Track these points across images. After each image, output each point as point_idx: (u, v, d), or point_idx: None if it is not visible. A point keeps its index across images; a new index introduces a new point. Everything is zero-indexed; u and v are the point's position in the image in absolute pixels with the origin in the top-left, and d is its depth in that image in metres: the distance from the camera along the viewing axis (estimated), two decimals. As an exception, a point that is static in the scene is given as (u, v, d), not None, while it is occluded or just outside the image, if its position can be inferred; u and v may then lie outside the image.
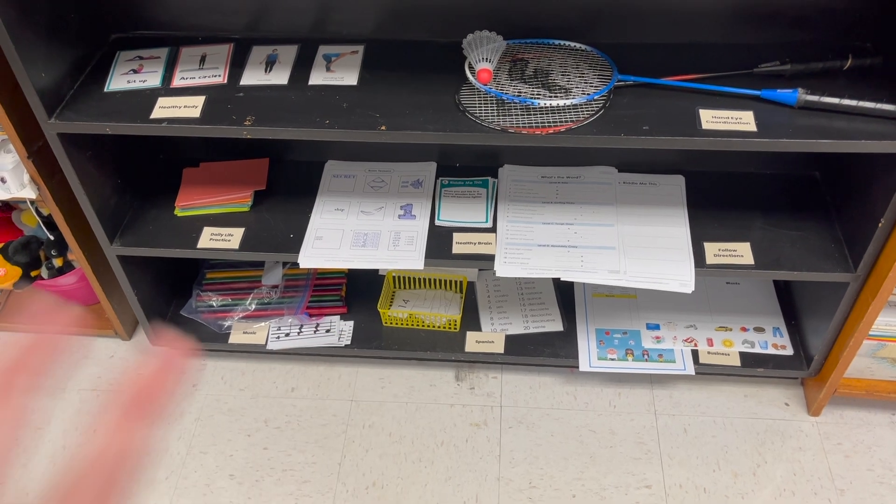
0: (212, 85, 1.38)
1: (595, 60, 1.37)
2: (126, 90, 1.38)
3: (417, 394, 1.76)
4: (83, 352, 1.89)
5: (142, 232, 1.57)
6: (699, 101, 1.29)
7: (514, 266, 1.47)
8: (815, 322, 1.62)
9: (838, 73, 1.33)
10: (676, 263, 1.46)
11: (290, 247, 1.53)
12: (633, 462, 1.61)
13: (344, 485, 1.60)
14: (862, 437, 1.64)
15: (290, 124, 1.29)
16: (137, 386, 0.40)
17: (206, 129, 1.31)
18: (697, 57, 1.38)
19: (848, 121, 1.24)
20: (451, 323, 1.76)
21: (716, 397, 1.72)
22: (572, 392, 1.75)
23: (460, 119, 1.29)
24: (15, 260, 1.71)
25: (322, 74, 1.39)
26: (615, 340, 1.72)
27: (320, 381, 1.79)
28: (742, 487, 1.56)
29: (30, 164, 1.46)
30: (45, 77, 1.30)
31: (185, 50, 1.46)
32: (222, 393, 1.78)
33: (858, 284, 1.44)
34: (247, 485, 1.61)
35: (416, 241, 1.53)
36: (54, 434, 1.71)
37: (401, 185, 1.64)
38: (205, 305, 1.81)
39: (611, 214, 1.55)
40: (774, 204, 1.56)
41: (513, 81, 1.35)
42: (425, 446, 1.66)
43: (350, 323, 1.79)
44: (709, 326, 1.74)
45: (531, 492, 1.57)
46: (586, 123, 1.26)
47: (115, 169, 1.54)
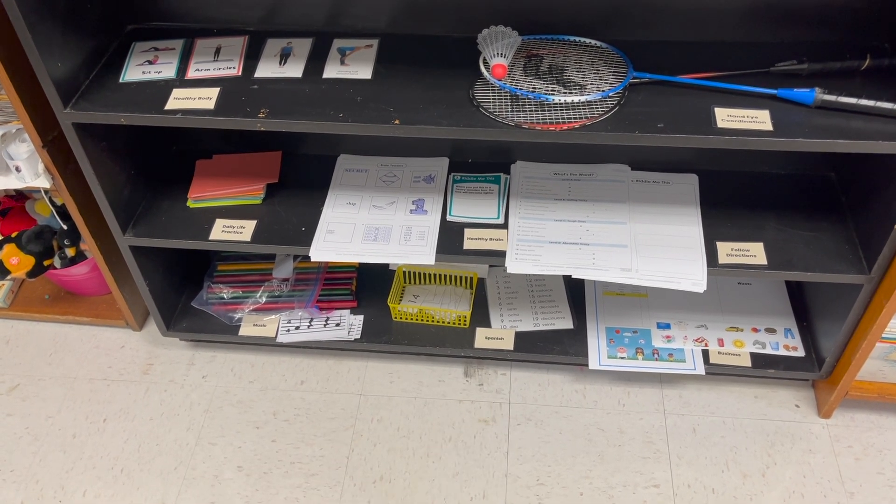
0: (226, 77, 1.39)
1: (610, 57, 1.37)
2: (141, 81, 1.38)
3: (426, 389, 1.76)
4: (93, 341, 1.90)
5: (154, 223, 1.58)
6: (715, 99, 1.28)
7: (525, 263, 1.47)
8: (827, 324, 1.61)
9: (856, 72, 1.32)
10: (689, 263, 1.45)
11: (301, 240, 1.53)
12: (642, 461, 1.61)
13: (352, 478, 1.60)
14: (873, 440, 1.63)
15: (304, 117, 1.29)
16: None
17: (220, 121, 1.31)
18: (714, 55, 1.37)
19: (865, 121, 1.22)
20: (460, 319, 1.76)
21: (726, 398, 1.71)
22: (581, 390, 1.74)
23: (474, 114, 1.28)
24: (28, 249, 1.72)
25: (336, 68, 1.39)
26: (625, 339, 1.72)
27: (329, 375, 1.80)
28: (751, 489, 1.55)
29: (44, 154, 1.47)
30: (60, 67, 1.30)
31: (200, 42, 1.46)
32: (231, 385, 1.79)
33: (872, 286, 1.43)
34: (255, 476, 1.61)
35: (427, 237, 1.52)
36: (64, 423, 1.72)
37: (413, 180, 1.64)
38: (216, 297, 1.82)
39: (623, 212, 1.55)
40: (788, 204, 1.55)
41: (527, 77, 1.34)
42: (433, 442, 1.66)
43: (360, 317, 1.79)
44: (720, 326, 1.73)
45: (539, 489, 1.57)
46: (601, 120, 1.26)
47: (128, 160, 1.55)
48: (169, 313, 1.79)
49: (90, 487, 1.61)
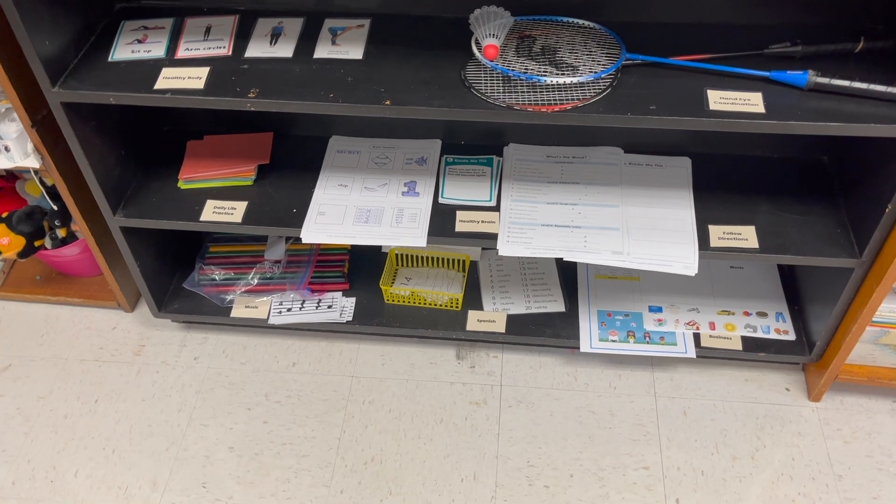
0: (216, 56, 1.37)
1: (603, 38, 1.36)
2: (130, 60, 1.37)
3: (418, 371, 1.76)
4: (85, 322, 1.90)
5: (145, 204, 1.57)
6: (708, 81, 1.28)
7: (517, 245, 1.47)
8: (818, 307, 1.61)
9: (850, 55, 1.31)
10: (680, 246, 1.45)
11: (292, 221, 1.53)
12: (632, 443, 1.61)
13: (343, 459, 1.60)
14: (862, 423, 1.64)
15: (295, 97, 1.28)
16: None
17: (210, 101, 1.30)
18: (707, 37, 1.36)
19: (858, 104, 1.22)
20: (452, 301, 1.76)
21: (716, 381, 1.72)
22: (572, 373, 1.75)
23: (466, 95, 1.28)
24: (19, 229, 1.71)
25: (327, 48, 1.38)
26: (617, 322, 1.72)
27: (321, 357, 1.80)
28: (740, 471, 1.56)
29: (33, 133, 1.46)
30: (49, 45, 1.29)
31: (190, 21, 1.45)
32: (223, 366, 1.79)
33: (863, 270, 1.43)
34: (246, 457, 1.61)
35: (419, 219, 1.52)
36: (56, 404, 1.72)
37: (405, 161, 1.63)
38: (207, 279, 1.81)
39: (616, 195, 1.54)
40: (781, 187, 1.55)
41: (520, 58, 1.33)
42: (425, 423, 1.66)
43: (352, 299, 1.79)
44: (711, 310, 1.73)
45: (529, 470, 1.57)
46: (593, 102, 1.25)
47: (118, 140, 1.54)
48: (161, 294, 1.79)
49: (82, 468, 1.61)
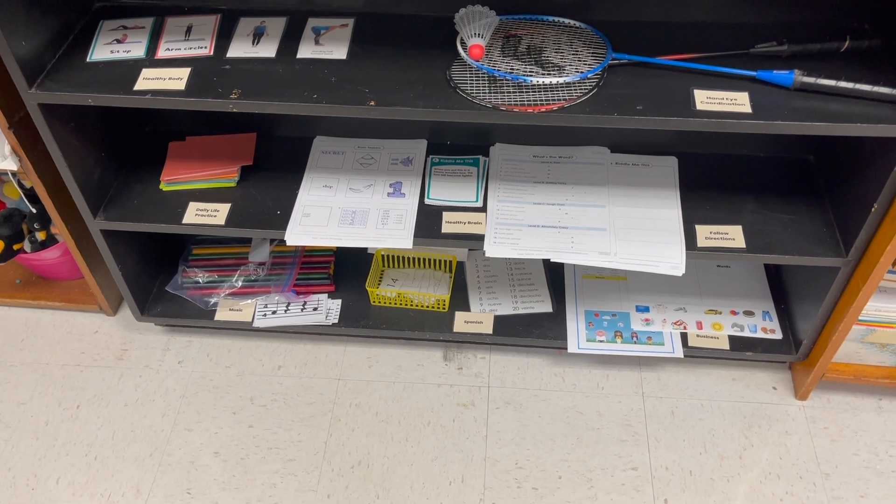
0: (198, 57, 1.35)
1: (589, 38, 1.35)
2: (109, 61, 1.35)
3: (405, 373, 1.75)
4: (66, 327, 1.87)
5: (126, 206, 1.54)
6: (694, 81, 1.27)
7: (504, 246, 1.46)
8: (804, 306, 1.62)
9: (836, 54, 1.31)
10: (667, 246, 1.44)
11: (276, 223, 1.51)
12: (620, 444, 1.61)
13: (329, 463, 1.59)
14: (848, 421, 1.64)
15: (277, 98, 1.27)
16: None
17: (192, 102, 1.28)
18: (693, 36, 1.35)
19: (844, 103, 1.22)
20: (439, 303, 1.75)
21: (704, 380, 1.72)
22: (560, 373, 1.74)
23: (451, 96, 1.26)
24: (-3, 233, 1.68)
25: (311, 48, 1.36)
26: (604, 322, 1.71)
27: (307, 360, 1.78)
28: (728, 470, 1.56)
29: (10, 135, 1.43)
30: (25, 45, 1.26)
31: (171, 20, 1.43)
32: (208, 370, 1.77)
33: (849, 269, 1.43)
34: (231, 462, 1.59)
35: (405, 220, 1.51)
36: (36, 410, 1.69)
37: (390, 162, 1.62)
38: (191, 282, 1.79)
39: (602, 195, 1.54)
40: (767, 187, 1.54)
41: (505, 58, 1.32)
42: (412, 426, 1.65)
43: (338, 301, 1.78)
44: (698, 309, 1.73)
45: (517, 472, 1.57)
46: (579, 102, 1.24)
47: (98, 141, 1.51)
48: (143, 298, 1.77)
49: (63, 475, 1.58)
